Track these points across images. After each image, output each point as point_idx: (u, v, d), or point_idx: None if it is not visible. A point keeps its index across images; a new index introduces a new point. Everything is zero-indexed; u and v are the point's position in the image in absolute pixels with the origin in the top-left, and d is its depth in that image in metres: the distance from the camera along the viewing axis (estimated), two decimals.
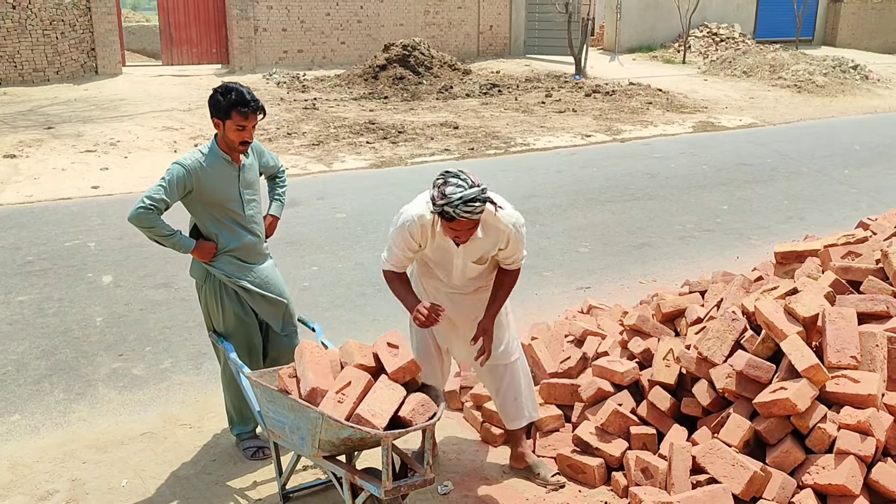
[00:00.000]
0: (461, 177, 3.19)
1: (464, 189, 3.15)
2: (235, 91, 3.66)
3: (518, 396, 3.82)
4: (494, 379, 3.81)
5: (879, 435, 3.22)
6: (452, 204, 3.15)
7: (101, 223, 7.67)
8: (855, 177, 9.97)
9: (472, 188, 3.16)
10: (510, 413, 3.83)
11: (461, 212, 3.16)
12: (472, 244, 3.44)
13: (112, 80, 15.66)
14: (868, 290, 3.82)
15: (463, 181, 3.18)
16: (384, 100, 14.89)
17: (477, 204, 3.16)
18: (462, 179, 3.18)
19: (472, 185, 3.17)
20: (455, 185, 3.17)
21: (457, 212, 3.16)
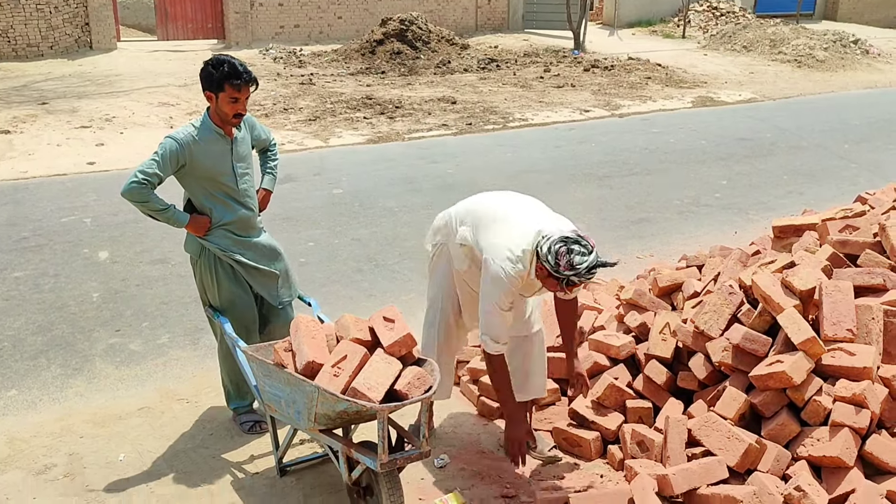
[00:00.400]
0: (582, 243, 3.16)
1: (587, 256, 3.13)
2: (227, 63, 3.62)
3: (529, 371, 3.81)
4: (511, 349, 3.78)
5: (874, 407, 3.23)
6: (580, 275, 3.14)
7: (96, 199, 7.63)
8: (854, 151, 9.93)
9: (591, 254, 3.14)
10: (518, 384, 3.79)
11: (586, 279, 3.17)
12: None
13: (107, 56, 15.53)
14: (865, 263, 3.81)
15: (584, 247, 3.15)
16: (381, 75, 14.78)
17: (598, 269, 3.17)
18: (583, 246, 3.15)
19: (592, 249, 3.15)
20: (579, 253, 3.13)
21: (582, 279, 3.16)
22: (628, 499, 3.23)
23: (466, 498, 3.53)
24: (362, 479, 3.30)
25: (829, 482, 3.15)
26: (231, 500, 3.55)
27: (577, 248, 3.14)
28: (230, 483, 3.68)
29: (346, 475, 3.26)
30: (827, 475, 3.19)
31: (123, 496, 3.58)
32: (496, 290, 3.34)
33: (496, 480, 3.66)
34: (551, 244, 3.17)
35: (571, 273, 3.13)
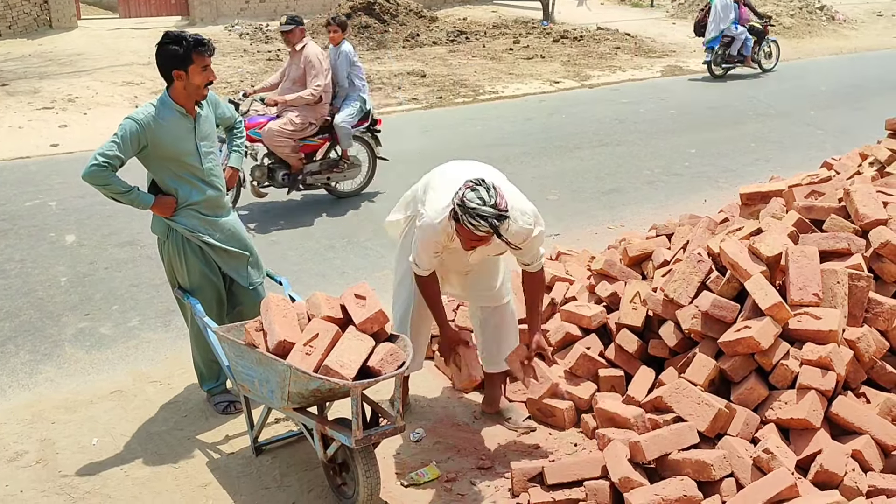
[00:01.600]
0: (489, 192, 3.14)
1: (483, 205, 3.10)
2: (186, 36, 3.60)
3: (501, 342, 3.83)
4: (481, 319, 3.83)
5: (840, 369, 3.29)
6: (464, 209, 3.12)
7: (61, 182, 7.50)
8: (821, 118, 10.03)
9: (489, 208, 3.11)
10: (491, 356, 3.85)
11: (467, 220, 3.13)
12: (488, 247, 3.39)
13: (67, 34, 15.17)
14: (830, 228, 3.86)
15: (488, 197, 3.12)
16: None
17: (482, 223, 3.11)
18: (489, 195, 3.13)
19: (492, 207, 3.11)
20: (478, 196, 3.12)
21: (464, 218, 3.14)
22: (601, 466, 3.28)
23: (442, 470, 3.55)
24: (338, 455, 3.31)
25: (797, 444, 3.21)
26: (207, 481, 3.55)
27: (481, 192, 3.13)
28: (206, 464, 3.67)
29: (322, 452, 3.27)
30: (795, 437, 3.25)
31: (97, 480, 3.56)
32: (422, 238, 3.40)
33: (472, 452, 3.69)
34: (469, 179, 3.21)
35: (458, 204, 3.14)
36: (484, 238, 3.21)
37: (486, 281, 3.75)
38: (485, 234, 3.15)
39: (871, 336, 3.47)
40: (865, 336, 3.44)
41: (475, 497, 3.39)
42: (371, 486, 3.17)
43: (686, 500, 3.04)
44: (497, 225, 3.12)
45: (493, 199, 3.12)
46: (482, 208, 3.10)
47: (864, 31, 18.09)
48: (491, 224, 3.10)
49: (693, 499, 3.05)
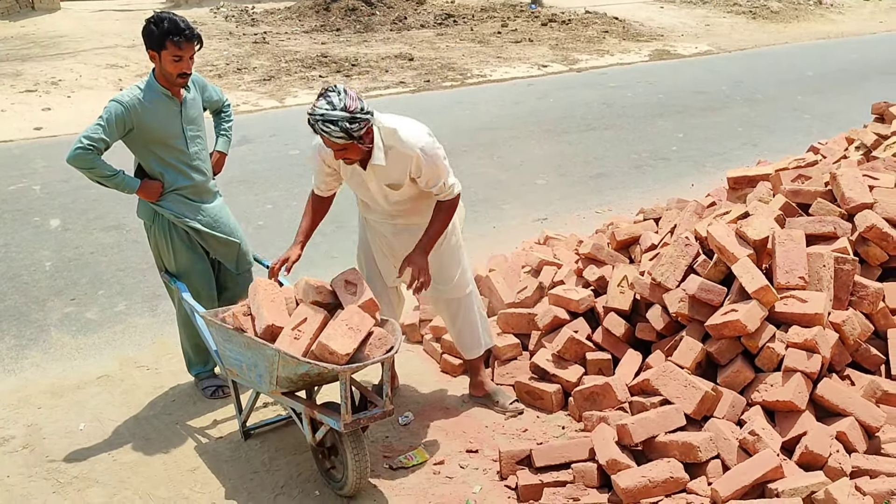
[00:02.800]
0: (339, 95, 3.09)
1: (332, 109, 3.06)
2: (168, 20, 3.50)
3: (473, 329, 3.85)
4: (449, 313, 3.84)
5: (825, 352, 3.32)
6: (314, 117, 3.09)
7: (45, 165, 7.43)
8: (807, 102, 10.06)
9: (338, 111, 3.05)
10: (466, 344, 3.87)
11: (319, 128, 3.10)
12: (380, 170, 3.35)
13: (50, 16, 14.97)
14: (816, 212, 3.88)
15: (338, 100, 3.07)
16: (336, 32, 14.51)
17: (334, 128, 3.06)
18: (338, 98, 3.08)
19: (342, 109, 3.06)
20: (326, 101, 3.08)
21: (316, 126, 3.11)
22: (589, 448, 3.30)
23: (431, 454, 3.57)
24: (326, 439, 3.32)
25: (783, 426, 3.24)
26: (195, 465, 3.54)
27: (330, 96, 3.09)
28: (194, 448, 3.67)
29: (311, 436, 3.27)
30: (780, 419, 3.28)
31: (85, 465, 3.55)
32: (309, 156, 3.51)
33: (460, 436, 3.71)
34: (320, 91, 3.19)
35: (309, 113, 3.11)
36: (348, 148, 3.17)
37: (444, 274, 3.71)
38: (340, 140, 3.10)
39: (856, 319, 3.50)
40: (850, 319, 3.47)
41: (463, 480, 3.40)
42: (360, 469, 3.18)
43: (673, 482, 3.07)
44: (349, 128, 3.06)
45: (343, 102, 3.07)
46: (331, 112, 3.05)
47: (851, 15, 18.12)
48: (342, 127, 3.05)
49: (680, 480, 3.08)
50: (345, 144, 3.15)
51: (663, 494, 3.07)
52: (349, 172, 3.45)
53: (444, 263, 3.69)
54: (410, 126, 3.37)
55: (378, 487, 3.36)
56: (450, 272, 3.72)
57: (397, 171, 3.37)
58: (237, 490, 3.38)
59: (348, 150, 3.20)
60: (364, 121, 3.11)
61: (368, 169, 3.35)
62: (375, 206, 3.58)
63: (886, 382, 3.41)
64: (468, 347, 3.88)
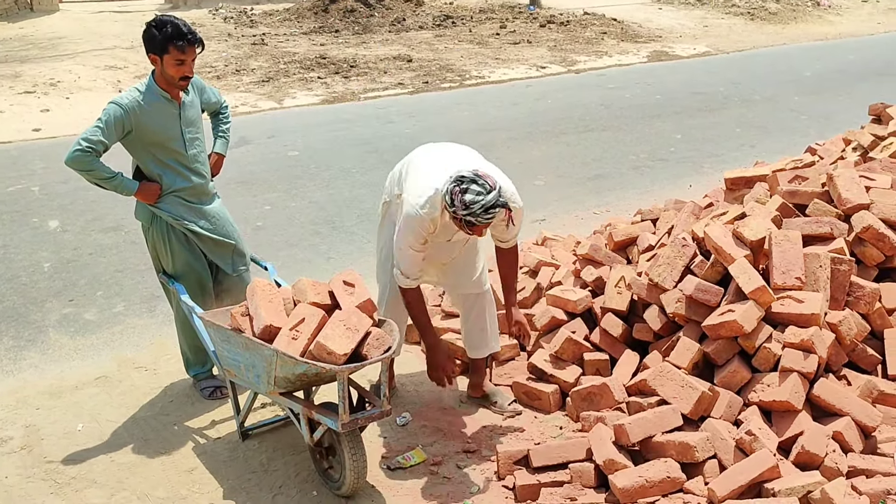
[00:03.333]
0: (478, 182, 3.14)
1: (483, 196, 3.12)
2: (171, 24, 3.50)
3: (484, 327, 3.86)
4: (465, 307, 3.86)
5: (821, 352, 3.33)
6: (475, 214, 3.13)
7: (44, 167, 7.43)
8: (805, 103, 10.08)
9: (490, 193, 3.12)
10: (474, 342, 3.88)
11: (483, 220, 3.16)
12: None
13: (49, 17, 14.99)
14: (813, 212, 3.89)
15: (481, 187, 3.13)
16: (335, 33, 14.52)
17: (498, 209, 3.15)
18: (480, 185, 3.13)
19: (490, 190, 3.13)
20: (475, 192, 3.12)
21: (479, 220, 3.15)
22: (586, 448, 3.31)
23: (429, 454, 3.57)
24: (324, 439, 3.32)
25: (779, 426, 3.25)
26: (193, 466, 3.55)
27: (473, 188, 3.14)
28: (192, 449, 3.67)
29: (308, 437, 3.27)
30: (777, 419, 3.29)
31: (83, 466, 3.55)
32: (407, 230, 3.38)
33: (458, 436, 3.71)
34: (448, 184, 3.20)
35: (465, 213, 3.14)
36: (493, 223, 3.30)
37: (466, 270, 3.78)
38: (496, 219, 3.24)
39: (853, 319, 3.51)
40: (847, 319, 3.48)
41: (461, 480, 3.41)
42: (358, 469, 3.18)
43: (670, 482, 3.08)
44: (504, 202, 3.17)
45: (486, 184, 3.15)
46: (486, 199, 3.12)
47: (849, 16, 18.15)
48: (501, 205, 3.16)
49: (676, 480, 3.09)
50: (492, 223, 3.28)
51: (660, 494, 3.08)
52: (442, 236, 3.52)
53: (470, 259, 3.78)
54: (505, 180, 3.43)
55: (376, 488, 3.37)
56: (472, 269, 3.80)
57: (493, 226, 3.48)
58: (235, 490, 3.39)
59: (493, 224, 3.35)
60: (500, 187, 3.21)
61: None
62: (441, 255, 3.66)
63: (883, 382, 3.42)
64: (475, 346, 3.88)
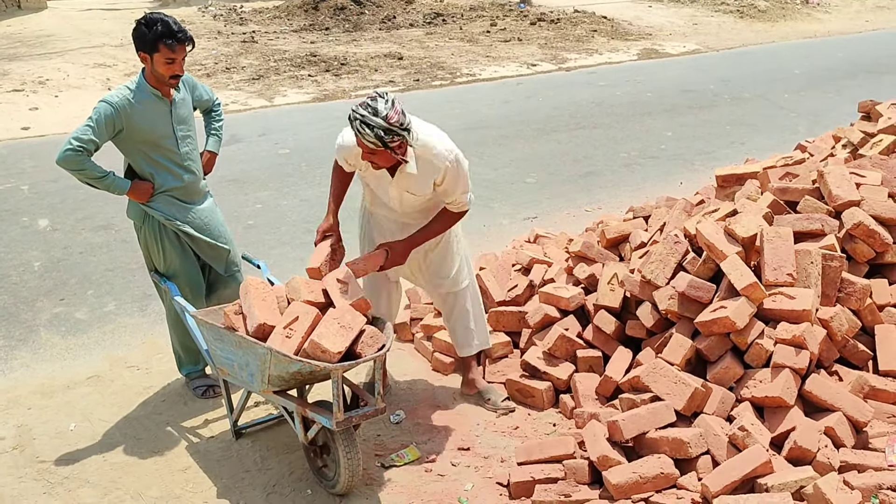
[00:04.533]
0: (383, 103, 3.15)
1: (373, 114, 3.12)
2: (161, 22, 3.48)
3: (468, 324, 3.86)
4: (445, 307, 3.87)
5: (813, 348, 3.35)
6: (355, 114, 3.16)
7: (33, 165, 7.38)
8: (794, 101, 10.12)
9: (378, 118, 3.11)
10: (460, 340, 3.89)
11: (356, 127, 3.16)
12: (407, 178, 3.41)
13: (37, 15, 14.88)
14: (804, 209, 3.91)
15: (381, 107, 3.13)
16: (325, 31, 14.48)
17: (369, 132, 3.13)
18: (382, 106, 3.14)
19: (383, 118, 3.11)
20: (370, 106, 3.15)
21: (353, 124, 3.18)
22: (578, 442, 3.32)
23: (422, 452, 3.58)
24: (318, 438, 3.32)
25: (772, 421, 3.27)
26: (186, 465, 3.54)
27: (372, 103, 3.14)
28: (185, 448, 3.66)
29: (303, 435, 3.27)
30: (769, 414, 3.31)
31: (76, 466, 3.54)
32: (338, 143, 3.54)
33: (451, 434, 3.72)
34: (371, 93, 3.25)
35: (351, 112, 3.16)
36: (377, 153, 3.22)
37: (441, 269, 3.76)
38: (371, 144, 3.17)
39: (844, 315, 3.53)
40: (838, 315, 3.50)
41: (455, 478, 3.41)
42: (352, 467, 3.18)
43: (663, 478, 3.09)
44: (383, 137, 3.13)
45: (386, 112, 3.13)
46: (372, 118, 3.12)
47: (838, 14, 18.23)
48: (376, 134, 3.12)
49: (670, 476, 3.10)
50: (375, 150, 3.21)
51: (654, 490, 3.09)
52: (372, 175, 3.51)
53: (443, 258, 3.75)
54: (441, 138, 3.44)
55: (370, 486, 3.37)
56: (448, 267, 3.77)
57: (424, 181, 3.43)
58: (229, 489, 3.38)
59: (377, 154, 3.25)
60: (399, 136, 3.17)
61: (397, 176, 3.42)
62: (391, 205, 3.63)
63: (874, 378, 3.44)
64: (461, 345, 3.90)
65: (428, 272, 3.79)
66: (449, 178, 3.43)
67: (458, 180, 3.46)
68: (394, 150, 3.20)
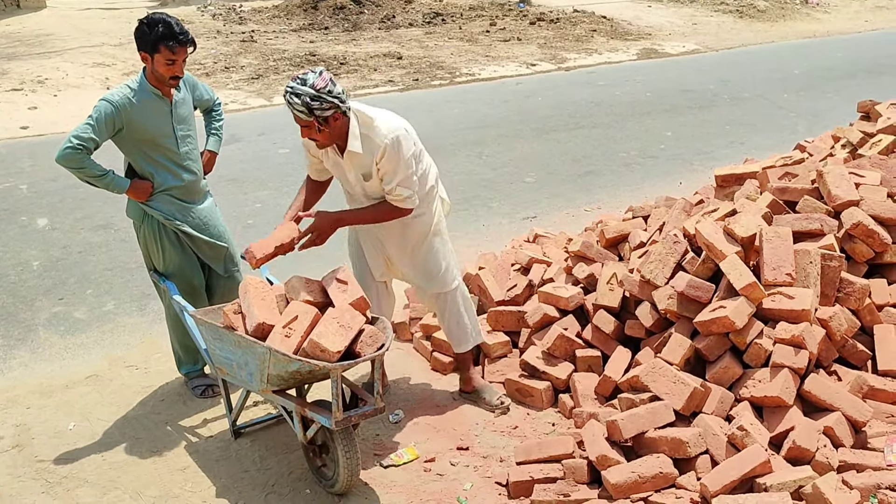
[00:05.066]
0: (312, 75, 3.19)
1: (302, 84, 3.16)
2: (163, 23, 3.48)
3: (460, 320, 3.87)
4: (437, 307, 3.88)
5: (812, 348, 3.35)
6: (286, 91, 3.20)
7: (32, 165, 7.38)
8: (793, 101, 10.12)
9: (305, 87, 3.16)
10: (455, 337, 3.89)
11: (286, 99, 3.20)
12: (356, 158, 3.40)
13: (36, 15, 14.87)
14: (803, 209, 3.91)
15: (309, 77, 3.18)
16: (325, 30, 14.48)
17: (297, 101, 3.16)
18: (312, 77, 3.18)
19: (310, 87, 3.15)
20: (299, 78, 3.19)
21: (285, 98, 3.22)
22: (577, 441, 3.32)
23: (421, 451, 3.58)
24: (317, 437, 3.32)
25: (770, 421, 3.27)
26: (185, 465, 3.54)
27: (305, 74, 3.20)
28: (184, 447, 3.66)
29: (302, 434, 3.27)
30: (768, 414, 3.31)
31: (75, 465, 3.54)
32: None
33: (450, 433, 3.72)
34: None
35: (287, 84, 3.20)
36: (310, 126, 3.24)
37: (430, 269, 3.75)
38: (301, 115, 3.19)
39: (843, 315, 3.53)
40: (837, 315, 3.50)
41: (454, 477, 3.41)
42: (351, 467, 3.18)
43: (662, 477, 3.09)
44: (310, 104, 3.15)
45: (312, 81, 3.17)
46: (299, 87, 3.16)
47: (837, 14, 18.23)
48: (304, 102, 3.15)
49: (669, 475, 3.10)
50: (306, 122, 3.24)
51: (653, 490, 3.09)
52: (331, 161, 3.52)
53: (428, 259, 3.74)
54: (389, 118, 3.43)
55: (369, 485, 3.37)
56: (433, 268, 3.76)
57: (367, 159, 3.41)
58: (228, 489, 3.38)
59: (311, 129, 3.27)
60: (329, 102, 3.18)
61: (345, 157, 3.42)
62: (358, 198, 3.62)
63: (873, 378, 3.44)
64: (457, 341, 3.91)
65: (415, 273, 3.78)
66: (385, 161, 3.36)
67: (395, 165, 3.37)
68: (326, 120, 3.21)
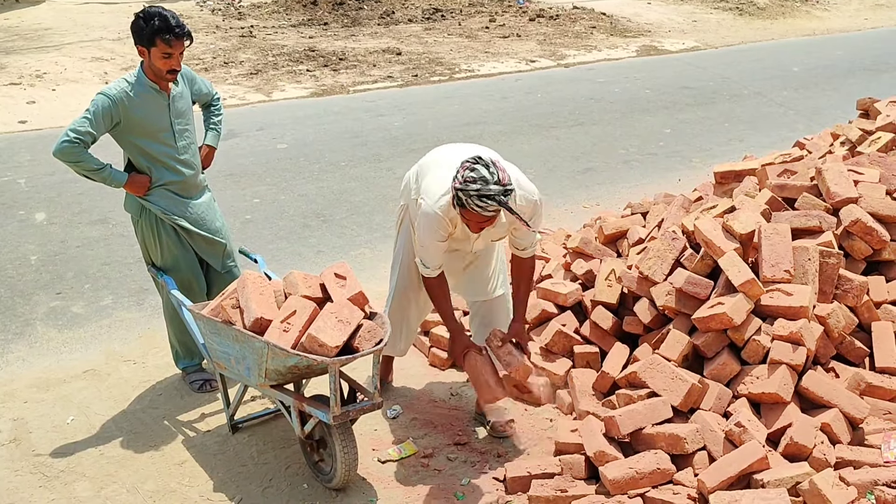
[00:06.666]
0: (490, 169, 3.03)
1: (487, 183, 3.00)
2: (159, 16, 3.46)
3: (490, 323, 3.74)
4: (473, 312, 3.82)
5: (810, 344, 3.35)
6: (468, 192, 3.02)
7: (30, 159, 7.36)
8: (793, 98, 10.12)
9: (494, 185, 3.01)
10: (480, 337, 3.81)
11: (474, 204, 3.03)
12: (494, 228, 3.33)
13: (34, 9, 14.83)
14: (802, 206, 3.92)
15: (490, 174, 3.02)
16: (324, 26, 14.45)
17: (491, 203, 3.02)
18: (490, 172, 3.02)
19: (496, 183, 3.01)
20: (480, 175, 3.01)
21: (469, 202, 3.03)
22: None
23: (419, 446, 3.58)
24: (315, 432, 3.32)
25: (768, 417, 3.27)
26: (183, 459, 3.54)
27: (481, 170, 3.02)
28: (182, 442, 3.66)
29: (299, 429, 3.27)
30: (766, 411, 3.31)
31: (72, 459, 3.54)
32: (426, 229, 3.29)
33: (448, 429, 3.72)
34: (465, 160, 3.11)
35: (460, 188, 3.03)
36: (492, 217, 3.14)
37: (482, 276, 3.71)
38: (495, 212, 3.08)
39: (841, 312, 3.54)
40: (835, 312, 3.50)
41: (452, 472, 3.42)
42: (349, 462, 3.18)
43: (660, 473, 3.10)
44: (504, 201, 3.03)
45: (496, 175, 3.03)
46: (487, 187, 3.00)
47: (837, 12, 18.22)
48: (499, 201, 3.01)
49: (666, 471, 3.10)
50: (496, 214, 3.12)
51: (650, 485, 3.09)
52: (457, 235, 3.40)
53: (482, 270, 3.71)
54: (523, 178, 3.36)
55: (366, 480, 3.37)
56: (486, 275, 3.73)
57: (507, 227, 3.39)
58: (225, 483, 3.38)
59: (491, 220, 3.16)
60: (512, 190, 3.09)
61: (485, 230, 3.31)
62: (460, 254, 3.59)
63: (870, 374, 3.44)
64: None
65: (470, 279, 3.72)
66: (536, 216, 3.37)
67: (539, 218, 3.42)
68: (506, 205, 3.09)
